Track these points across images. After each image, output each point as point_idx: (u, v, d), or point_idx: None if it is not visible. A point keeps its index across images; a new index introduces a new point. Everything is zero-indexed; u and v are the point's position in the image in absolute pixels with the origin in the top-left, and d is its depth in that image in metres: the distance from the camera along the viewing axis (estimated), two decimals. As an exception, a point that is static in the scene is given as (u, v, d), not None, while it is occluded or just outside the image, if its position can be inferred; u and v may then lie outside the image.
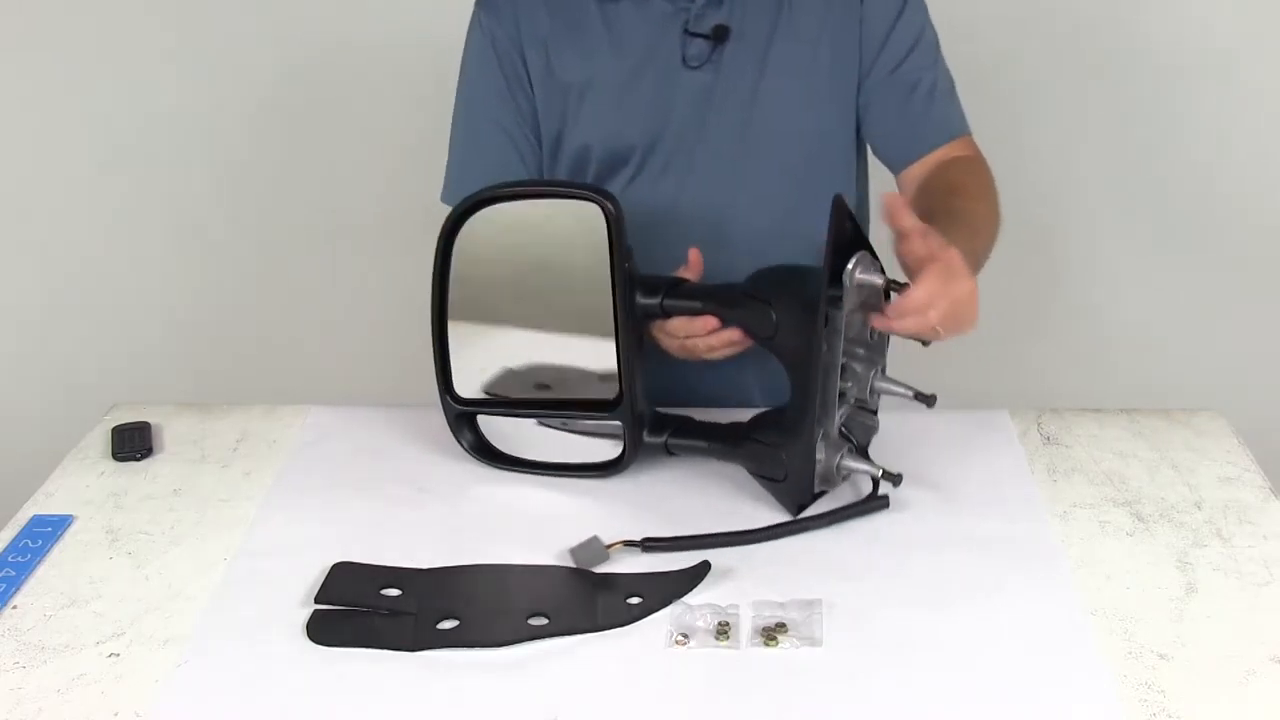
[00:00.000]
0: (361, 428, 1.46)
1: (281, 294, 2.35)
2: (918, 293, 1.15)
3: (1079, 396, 1.63)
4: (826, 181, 1.47)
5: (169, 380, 2.29)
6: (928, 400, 1.26)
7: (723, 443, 1.34)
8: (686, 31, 1.44)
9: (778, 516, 1.28)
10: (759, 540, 1.25)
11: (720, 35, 1.44)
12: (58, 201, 2.28)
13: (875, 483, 1.29)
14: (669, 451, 1.36)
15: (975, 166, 1.48)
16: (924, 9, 1.50)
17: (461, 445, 1.38)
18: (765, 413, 1.36)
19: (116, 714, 1.04)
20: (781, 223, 1.46)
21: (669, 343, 1.37)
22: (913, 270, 1.19)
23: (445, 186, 1.54)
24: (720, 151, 1.46)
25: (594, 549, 1.22)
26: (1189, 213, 2.24)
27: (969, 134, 1.52)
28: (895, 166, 1.52)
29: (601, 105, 1.46)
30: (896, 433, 1.42)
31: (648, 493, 1.34)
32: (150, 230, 2.30)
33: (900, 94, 1.48)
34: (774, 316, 1.27)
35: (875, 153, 1.54)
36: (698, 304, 1.32)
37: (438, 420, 1.39)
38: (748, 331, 1.32)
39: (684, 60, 1.45)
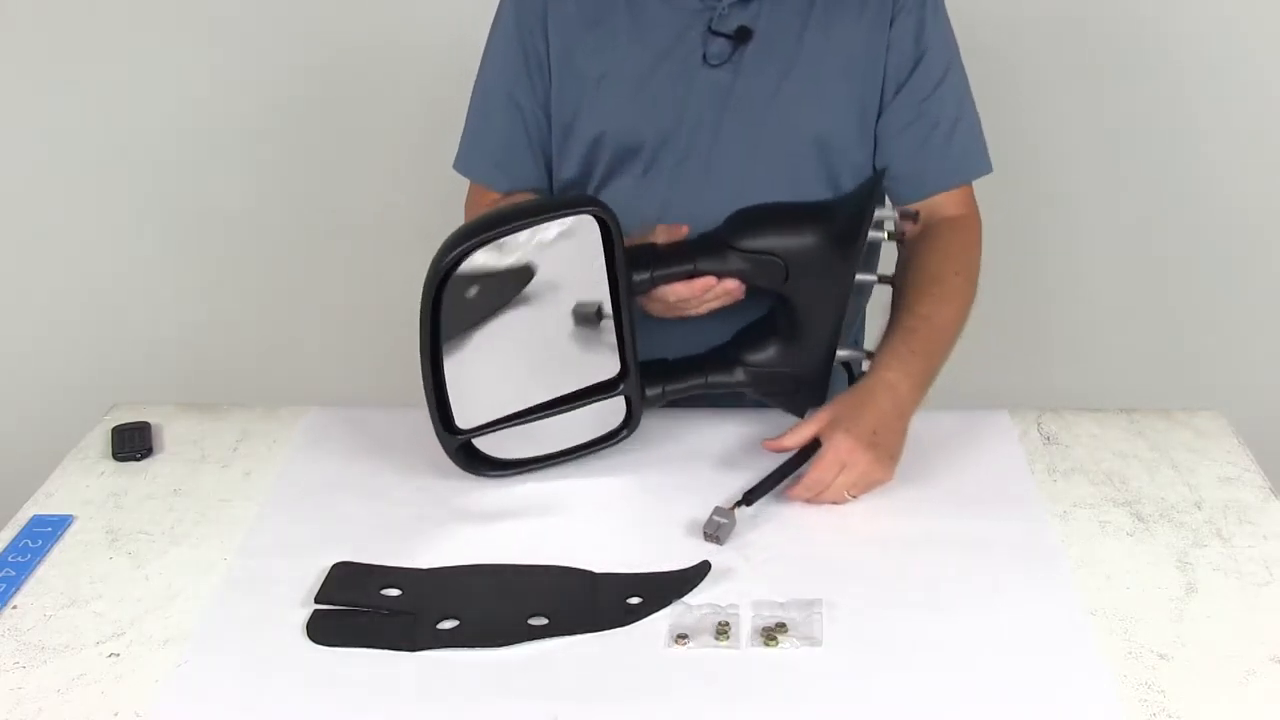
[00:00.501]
0: (361, 428, 1.46)
1: (281, 294, 2.35)
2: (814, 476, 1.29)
3: (1079, 396, 1.63)
4: (839, 191, 1.48)
5: (169, 380, 2.29)
6: (892, 281, 1.41)
7: (716, 374, 1.38)
8: (710, 30, 1.45)
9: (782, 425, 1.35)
10: None
11: (743, 36, 1.44)
12: (58, 202, 2.28)
13: (849, 369, 1.39)
14: (667, 400, 1.38)
15: (962, 236, 1.49)
16: (953, 46, 1.50)
17: (485, 476, 1.35)
18: (746, 334, 1.39)
19: (116, 714, 1.04)
20: None
21: (655, 307, 1.37)
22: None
23: (458, 154, 1.57)
24: (733, 152, 1.46)
25: (722, 517, 1.24)
26: (1189, 212, 2.24)
27: (971, 182, 1.52)
28: (895, 200, 1.54)
29: (618, 95, 1.46)
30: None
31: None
32: (150, 230, 2.30)
33: (915, 133, 1.48)
34: (783, 263, 1.31)
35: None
36: (689, 266, 1.33)
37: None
38: (751, 283, 1.34)
39: (704, 58, 1.45)
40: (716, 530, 1.23)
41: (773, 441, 1.32)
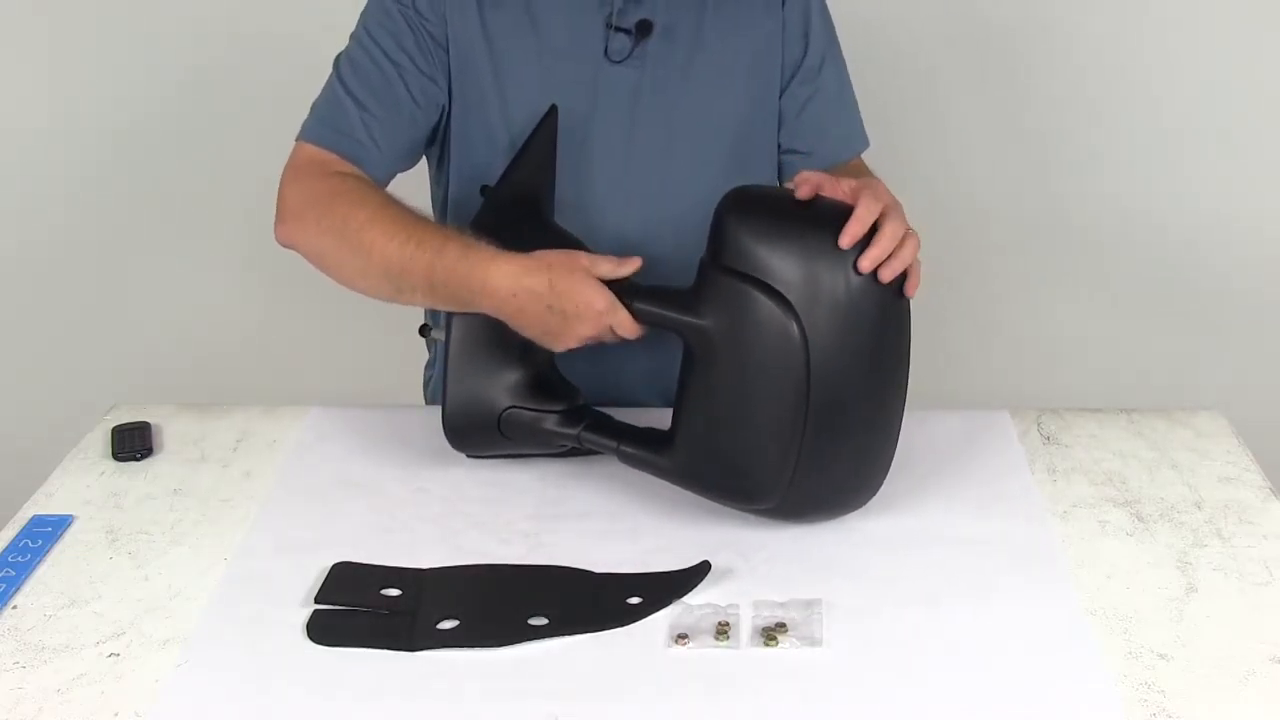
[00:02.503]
0: (361, 428, 1.46)
1: (281, 294, 2.34)
2: (860, 212, 1.15)
3: (1079, 396, 1.64)
4: (749, 175, 1.46)
5: (169, 380, 2.29)
6: None
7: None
8: (609, 25, 1.43)
9: None
10: None
11: (644, 30, 1.43)
12: (58, 201, 2.28)
13: None
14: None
15: None
16: (832, 27, 1.54)
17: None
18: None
19: (116, 714, 1.04)
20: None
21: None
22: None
23: (313, 124, 1.50)
24: (650, 147, 1.45)
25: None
26: (1189, 212, 2.24)
27: (860, 153, 1.56)
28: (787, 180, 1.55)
29: (522, 94, 1.43)
30: (896, 433, 1.42)
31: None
32: (150, 230, 2.30)
33: (803, 116, 1.52)
34: None
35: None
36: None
37: (437, 420, 1.39)
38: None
39: (606, 54, 1.43)
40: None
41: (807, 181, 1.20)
